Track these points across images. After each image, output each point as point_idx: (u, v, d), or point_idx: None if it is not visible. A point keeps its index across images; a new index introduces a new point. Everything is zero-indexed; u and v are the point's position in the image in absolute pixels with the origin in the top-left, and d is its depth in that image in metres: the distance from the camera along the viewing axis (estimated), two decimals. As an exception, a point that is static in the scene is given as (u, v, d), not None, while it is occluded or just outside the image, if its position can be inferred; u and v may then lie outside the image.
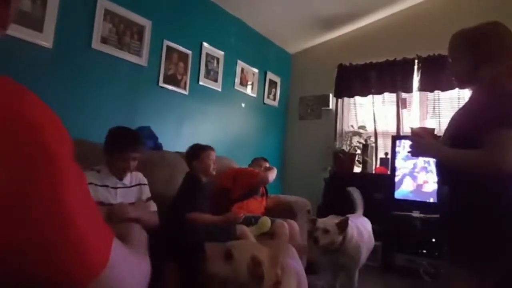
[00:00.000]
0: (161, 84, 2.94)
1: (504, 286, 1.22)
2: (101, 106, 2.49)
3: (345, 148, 4.03)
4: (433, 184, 3.03)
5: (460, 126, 1.30)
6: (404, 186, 3.33)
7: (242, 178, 2.92)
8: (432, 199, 3.09)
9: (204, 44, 3.37)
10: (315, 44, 4.55)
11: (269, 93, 4.37)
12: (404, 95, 3.94)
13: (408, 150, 1.43)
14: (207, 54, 3.41)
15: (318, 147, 4.33)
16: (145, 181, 2.07)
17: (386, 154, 3.82)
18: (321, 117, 4.47)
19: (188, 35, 3.19)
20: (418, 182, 3.27)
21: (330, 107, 4.37)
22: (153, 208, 2.01)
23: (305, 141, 4.52)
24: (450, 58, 1.41)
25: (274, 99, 4.48)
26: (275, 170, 3.02)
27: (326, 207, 3.56)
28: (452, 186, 1.31)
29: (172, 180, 2.43)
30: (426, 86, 3.73)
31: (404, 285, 2.93)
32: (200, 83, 3.35)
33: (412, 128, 1.47)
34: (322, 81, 4.39)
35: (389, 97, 4.04)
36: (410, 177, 3.32)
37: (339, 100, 4.34)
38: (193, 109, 3.28)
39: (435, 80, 3.63)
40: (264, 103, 4.31)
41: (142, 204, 1.98)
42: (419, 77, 3.77)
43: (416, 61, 3.79)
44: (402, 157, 3.39)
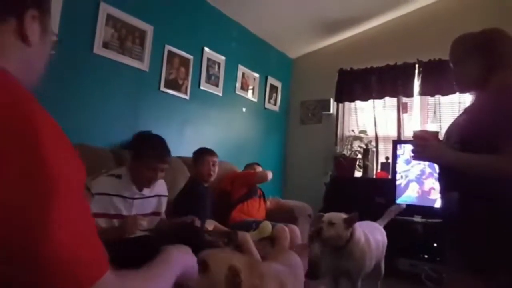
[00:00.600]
0: (162, 88, 2.95)
1: None
2: (102, 110, 2.49)
3: (346, 152, 4.02)
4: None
5: (472, 130, 1.25)
6: (409, 192, 3.32)
7: (240, 180, 2.94)
8: (435, 204, 3.07)
9: (205, 49, 3.39)
10: (316, 48, 4.56)
11: (270, 97, 4.37)
12: (405, 99, 3.95)
13: (411, 154, 1.38)
14: (208, 59, 3.42)
15: (318, 151, 4.33)
16: (165, 192, 1.99)
17: (387, 158, 3.81)
18: (322, 122, 4.47)
19: (189, 40, 3.20)
20: (424, 189, 3.25)
21: (331, 111, 4.37)
22: None
23: (305, 146, 4.52)
24: (455, 61, 1.37)
25: (275, 104, 4.48)
26: (270, 172, 3.04)
27: (327, 211, 3.54)
28: (463, 191, 1.26)
29: (173, 185, 2.43)
30: (426, 91, 3.74)
31: (406, 290, 2.91)
32: (201, 87, 3.36)
33: (415, 131, 1.42)
34: (323, 86, 4.39)
35: (390, 102, 4.05)
36: (417, 183, 3.30)
37: (340, 105, 4.34)
38: (194, 114, 3.29)
39: (436, 84, 3.64)
40: (265, 108, 4.32)
41: (155, 219, 1.92)
42: (419, 81, 3.77)
43: (416, 65, 3.80)
44: (404, 161, 3.38)
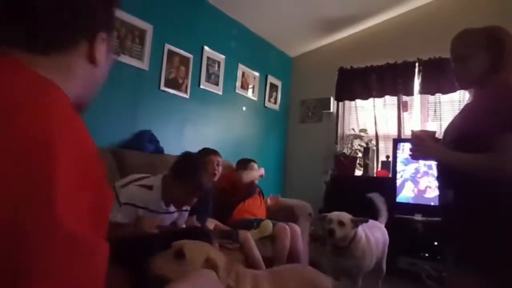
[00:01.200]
0: (162, 88, 2.94)
1: None
2: (102, 110, 2.49)
3: (346, 151, 4.02)
4: (435, 190, 3.02)
5: (467, 129, 1.25)
6: (405, 192, 3.32)
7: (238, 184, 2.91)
8: (433, 203, 3.07)
9: (205, 47, 3.38)
10: (316, 47, 4.56)
11: (270, 96, 4.37)
12: (405, 98, 3.94)
13: (409, 153, 1.39)
14: (208, 58, 3.41)
15: (319, 150, 4.33)
16: (188, 207, 1.97)
17: (388, 157, 3.81)
18: (322, 120, 4.46)
19: (189, 39, 3.20)
20: (420, 188, 3.25)
21: (331, 110, 4.37)
22: None
23: (306, 145, 4.52)
24: (458, 55, 1.33)
25: (275, 103, 4.48)
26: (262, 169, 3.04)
27: (327, 210, 3.54)
28: (458, 190, 1.27)
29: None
30: (427, 89, 3.73)
31: (406, 289, 2.91)
32: (201, 86, 3.35)
33: (413, 130, 1.43)
34: (323, 84, 4.39)
35: (390, 100, 4.04)
36: (412, 182, 3.30)
37: (340, 103, 4.34)
38: (194, 113, 3.28)
39: (436, 83, 3.63)
40: (265, 107, 4.31)
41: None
42: (420, 80, 3.77)
43: (417, 64, 3.79)
44: (402, 161, 3.38)
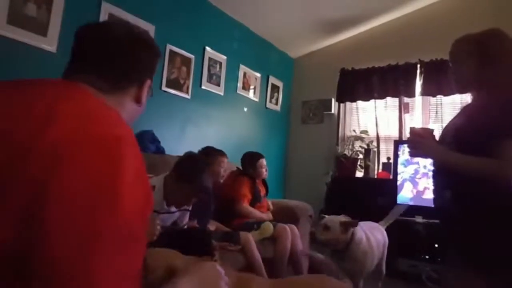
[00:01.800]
0: (163, 88, 2.95)
1: None
2: (104, 110, 2.49)
3: (347, 152, 4.02)
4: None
5: (465, 132, 1.27)
6: (404, 192, 3.31)
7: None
8: (430, 203, 3.07)
9: (207, 48, 3.39)
10: (318, 48, 4.56)
11: (271, 97, 4.37)
12: (406, 99, 3.94)
13: (407, 150, 1.41)
14: (209, 59, 3.42)
15: (320, 151, 4.33)
16: (189, 206, 1.97)
17: (388, 158, 3.81)
18: (323, 122, 4.46)
19: (191, 40, 3.20)
20: (419, 189, 3.25)
21: (332, 111, 4.37)
22: None
23: (307, 146, 4.52)
24: (453, 61, 1.41)
25: (276, 104, 4.48)
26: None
27: (328, 212, 3.54)
28: (456, 190, 1.29)
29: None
30: (428, 91, 3.73)
31: (406, 290, 2.91)
32: (203, 87, 3.36)
33: (412, 127, 1.44)
34: (325, 86, 4.39)
35: (392, 102, 4.04)
36: (411, 183, 3.29)
37: (341, 105, 4.34)
38: (195, 113, 3.29)
39: (437, 84, 3.63)
40: (266, 108, 4.32)
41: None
42: (421, 81, 3.76)
43: (418, 65, 3.79)
44: (402, 162, 3.37)
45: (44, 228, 0.45)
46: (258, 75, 4.14)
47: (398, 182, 3.35)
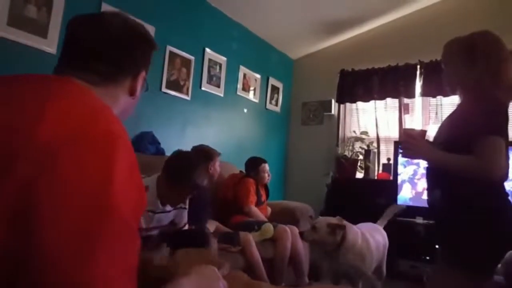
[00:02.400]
0: (163, 89, 2.95)
1: None
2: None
3: (347, 153, 4.02)
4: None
5: (451, 132, 1.33)
6: (403, 193, 3.31)
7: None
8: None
9: (207, 49, 3.39)
10: (318, 49, 4.56)
11: (271, 98, 4.37)
12: (406, 100, 3.94)
13: (401, 151, 1.46)
14: (209, 60, 3.42)
15: (320, 152, 4.32)
16: (185, 204, 1.97)
17: (389, 159, 3.81)
18: (323, 123, 4.46)
19: (191, 41, 3.21)
20: (418, 190, 3.25)
21: (332, 112, 4.37)
22: None
23: (307, 147, 4.52)
24: (443, 63, 1.45)
25: (276, 105, 4.48)
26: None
27: (328, 213, 3.54)
28: (444, 189, 1.33)
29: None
30: (428, 92, 3.73)
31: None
32: (203, 88, 3.36)
33: (405, 129, 1.52)
34: (325, 87, 4.39)
35: (392, 103, 4.04)
36: (410, 184, 3.29)
37: (342, 106, 4.34)
38: (195, 115, 3.29)
39: (437, 85, 3.62)
40: (266, 109, 4.32)
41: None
42: (421, 82, 3.76)
43: (418, 66, 3.79)
44: (402, 163, 3.37)
45: (36, 227, 0.44)
46: (258, 76, 4.14)
47: (398, 183, 3.35)
